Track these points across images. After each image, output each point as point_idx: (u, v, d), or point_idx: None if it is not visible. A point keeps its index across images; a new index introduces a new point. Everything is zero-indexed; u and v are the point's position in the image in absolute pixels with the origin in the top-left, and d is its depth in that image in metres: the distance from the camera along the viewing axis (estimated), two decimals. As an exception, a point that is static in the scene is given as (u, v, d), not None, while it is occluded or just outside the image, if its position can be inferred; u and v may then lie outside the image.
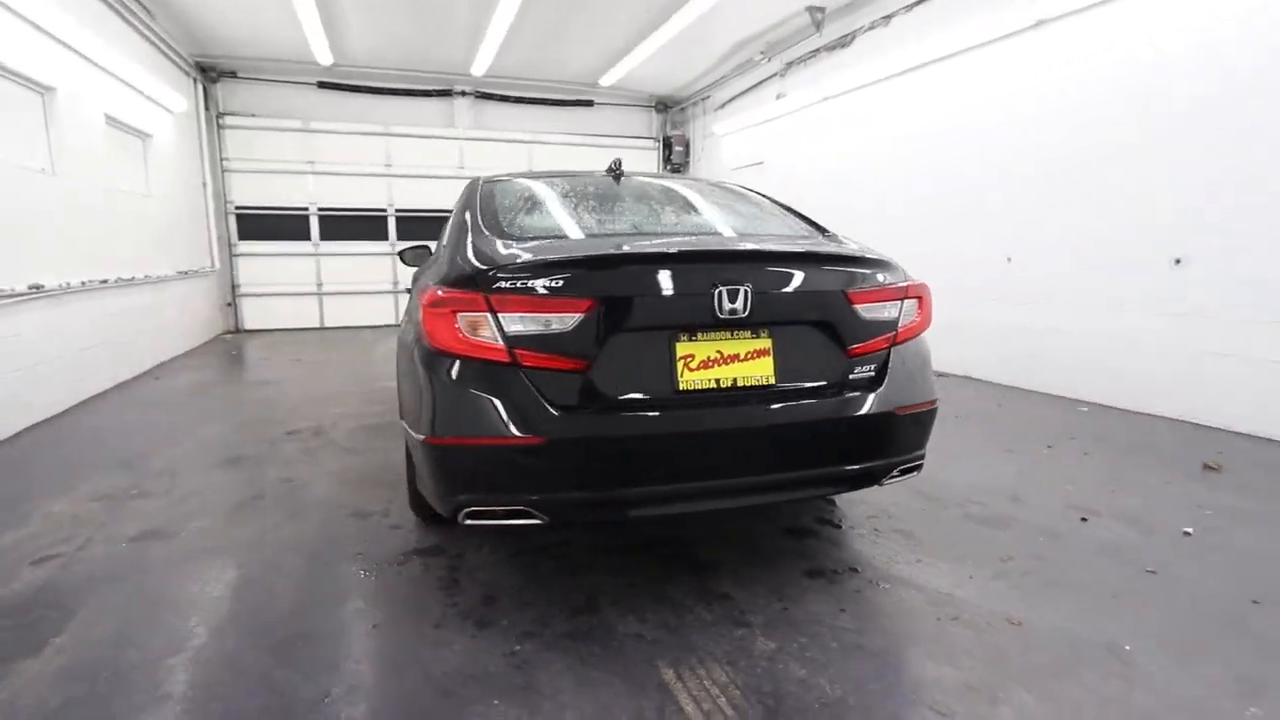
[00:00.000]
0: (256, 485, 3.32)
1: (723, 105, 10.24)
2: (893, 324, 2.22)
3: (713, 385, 2.00)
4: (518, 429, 1.87)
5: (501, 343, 1.90)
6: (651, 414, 1.94)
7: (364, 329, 9.76)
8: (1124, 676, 1.82)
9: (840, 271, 2.16)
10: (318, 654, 1.92)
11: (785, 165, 8.77)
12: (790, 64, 8.45)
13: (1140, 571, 2.43)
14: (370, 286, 10.01)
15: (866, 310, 2.16)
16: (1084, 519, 2.88)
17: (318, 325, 9.84)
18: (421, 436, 1.98)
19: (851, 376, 2.15)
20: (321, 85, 9.41)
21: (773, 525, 2.82)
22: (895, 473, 2.24)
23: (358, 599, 2.23)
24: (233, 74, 9.02)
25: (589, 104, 10.83)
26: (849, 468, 2.14)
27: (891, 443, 2.19)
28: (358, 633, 2.04)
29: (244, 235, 9.37)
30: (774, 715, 1.67)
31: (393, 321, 10.11)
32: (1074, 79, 4.98)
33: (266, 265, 9.48)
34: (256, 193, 9.31)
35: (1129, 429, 4.27)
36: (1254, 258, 3.98)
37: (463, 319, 1.92)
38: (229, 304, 9.38)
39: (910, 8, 6.55)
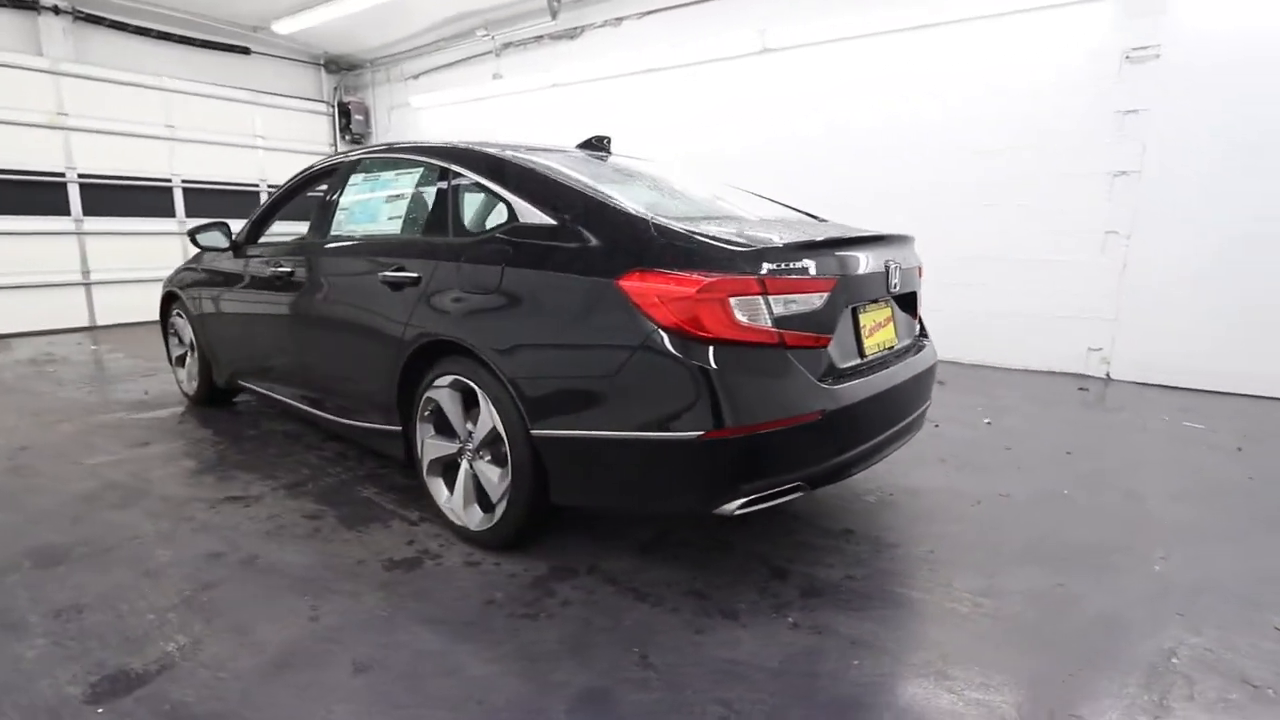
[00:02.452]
0: (177, 573, 2.27)
1: (418, 76, 9.58)
2: (918, 294, 2.86)
3: (878, 349, 2.35)
4: (801, 406, 1.93)
5: (771, 325, 1.91)
6: (864, 379, 2.19)
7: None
8: (1086, 508, 2.86)
9: (915, 251, 2.70)
10: (648, 685, 1.68)
11: (508, 147, 8.75)
12: (508, 45, 8.45)
13: (1004, 450, 3.63)
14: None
15: (920, 283, 2.76)
16: (936, 425, 4.05)
17: None
18: (698, 433, 1.84)
19: (917, 336, 2.73)
20: None
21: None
22: (926, 407, 2.91)
23: (577, 646, 1.91)
24: None
25: (244, 51, 8.87)
26: (925, 406, 2.72)
27: (933, 385, 2.85)
28: (631, 669, 1.80)
29: None
30: (949, 577, 2.18)
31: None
32: (793, 98, 6.41)
33: None
34: None
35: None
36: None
37: (737, 304, 1.86)
38: None
39: (641, 16, 7.30)
